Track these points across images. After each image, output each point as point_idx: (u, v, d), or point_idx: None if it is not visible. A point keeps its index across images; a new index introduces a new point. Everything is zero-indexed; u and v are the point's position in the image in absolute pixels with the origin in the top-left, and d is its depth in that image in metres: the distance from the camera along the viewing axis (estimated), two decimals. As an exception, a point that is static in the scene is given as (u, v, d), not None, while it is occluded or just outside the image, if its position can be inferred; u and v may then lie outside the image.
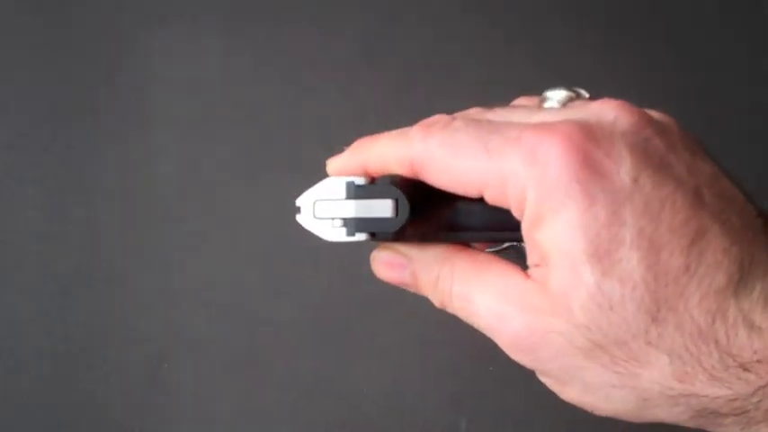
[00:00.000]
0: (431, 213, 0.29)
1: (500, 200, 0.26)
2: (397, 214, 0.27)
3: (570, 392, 0.27)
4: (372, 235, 0.28)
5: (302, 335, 0.73)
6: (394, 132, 0.29)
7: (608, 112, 0.26)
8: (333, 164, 0.31)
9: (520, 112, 0.28)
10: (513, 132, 0.26)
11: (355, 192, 0.28)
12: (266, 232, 0.72)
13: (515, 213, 0.26)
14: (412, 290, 0.31)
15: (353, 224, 0.28)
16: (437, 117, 0.29)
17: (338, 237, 0.28)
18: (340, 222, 0.28)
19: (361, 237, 0.28)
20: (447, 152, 0.27)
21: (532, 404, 0.71)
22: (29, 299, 0.73)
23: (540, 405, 0.70)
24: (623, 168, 0.24)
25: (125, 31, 0.75)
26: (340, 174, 0.30)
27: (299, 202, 0.29)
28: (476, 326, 0.28)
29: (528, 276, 0.26)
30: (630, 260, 0.24)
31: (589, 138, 0.25)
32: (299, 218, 0.29)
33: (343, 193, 0.28)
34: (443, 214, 0.29)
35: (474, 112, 0.29)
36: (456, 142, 0.26)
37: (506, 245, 0.32)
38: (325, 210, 0.28)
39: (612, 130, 0.25)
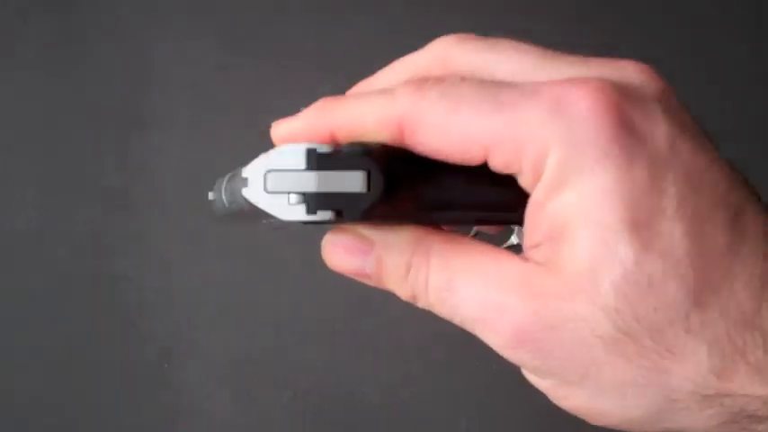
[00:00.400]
0: (407, 190, 0.24)
1: (510, 164, 0.22)
2: (369, 189, 0.23)
3: (576, 397, 0.23)
4: (338, 214, 0.23)
5: (302, 335, 0.73)
6: (370, 91, 0.24)
7: (633, 74, 0.22)
8: (282, 127, 0.26)
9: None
10: (529, 86, 0.22)
11: (318, 161, 0.23)
12: (266, 232, 0.72)
13: (526, 181, 0.22)
14: (372, 283, 0.25)
15: (315, 200, 0.22)
16: (423, 73, 0.24)
17: (295, 215, 0.23)
18: (297, 198, 0.23)
19: (324, 216, 0.22)
20: (446, 107, 0.22)
21: (532, 404, 0.70)
22: (29, 299, 0.73)
23: (540, 405, 0.70)
24: (660, 132, 0.21)
25: (125, 31, 0.75)
26: (293, 140, 0.24)
27: (245, 172, 0.23)
28: (458, 321, 0.23)
29: (527, 259, 0.23)
30: (674, 233, 0.21)
31: (623, 94, 0.21)
32: (245, 192, 0.23)
33: (303, 163, 0.23)
34: (423, 191, 0.24)
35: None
36: (458, 96, 0.22)
37: (475, 230, 0.28)
38: (280, 182, 0.23)
39: (644, 92, 0.22)
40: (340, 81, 0.80)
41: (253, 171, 0.23)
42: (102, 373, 0.73)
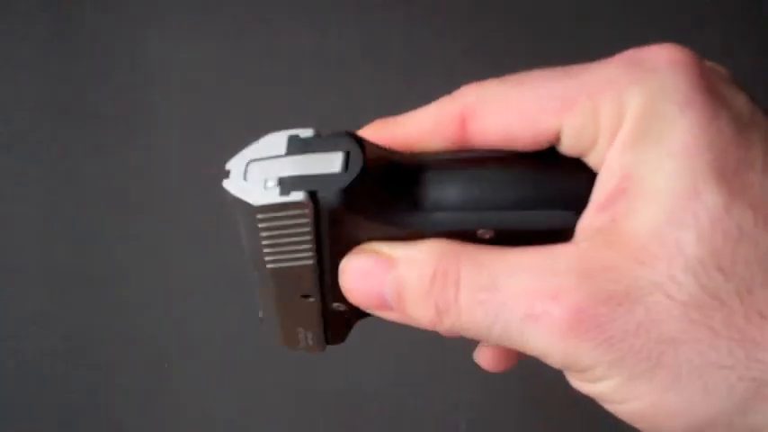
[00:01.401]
0: (401, 183, 0.22)
1: (585, 127, 0.20)
2: (346, 168, 0.21)
3: (642, 397, 0.19)
4: (312, 195, 0.21)
5: (302, 335, 0.73)
6: (424, 107, 0.23)
7: (697, 56, 0.21)
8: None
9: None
10: (594, 64, 0.20)
11: (299, 146, 0.22)
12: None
13: (602, 144, 0.20)
14: (395, 314, 0.22)
15: (289, 182, 0.21)
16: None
17: (268, 198, 0.21)
18: (274, 183, 0.21)
19: (297, 196, 0.21)
20: (510, 85, 0.21)
21: (532, 404, 0.70)
22: (29, 299, 0.73)
23: (541, 405, 0.70)
24: (740, 99, 0.20)
25: (125, 31, 0.75)
26: None
27: (229, 164, 0.22)
28: (498, 329, 0.20)
29: (578, 242, 0.20)
30: (764, 186, 0.18)
31: (697, 57, 0.20)
32: (225, 183, 0.22)
33: (284, 149, 0.22)
34: (422, 187, 0.22)
35: None
36: (522, 77, 0.21)
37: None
38: (259, 170, 0.22)
39: (716, 67, 0.21)
40: (340, 81, 0.81)
41: (235, 162, 0.22)
42: (102, 373, 0.73)
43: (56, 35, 0.74)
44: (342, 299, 0.24)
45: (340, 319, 0.29)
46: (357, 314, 0.27)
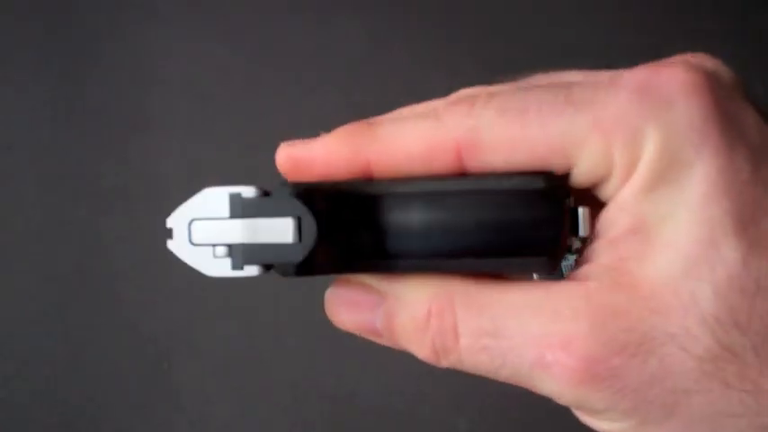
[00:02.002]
0: (365, 233, 0.20)
1: (598, 166, 0.19)
2: (300, 239, 0.19)
3: None
4: (267, 268, 0.20)
5: (301, 335, 0.72)
6: (405, 115, 0.21)
7: (707, 61, 0.20)
8: (297, 151, 0.21)
9: (573, 76, 0.21)
10: (603, 78, 0.19)
11: (243, 207, 0.20)
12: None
13: (614, 183, 0.19)
14: (385, 341, 0.22)
15: (241, 253, 0.20)
16: (467, 91, 0.21)
17: (220, 271, 0.20)
18: (224, 251, 0.20)
19: (251, 271, 0.20)
20: (512, 118, 0.19)
21: (532, 404, 0.70)
22: (29, 299, 0.73)
23: (540, 405, 0.70)
24: (750, 119, 0.19)
25: (125, 31, 0.75)
26: (308, 171, 0.21)
27: (170, 222, 0.22)
28: (505, 374, 0.19)
29: (583, 280, 0.19)
30: None
31: (710, 76, 0.19)
32: (170, 244, 0.22)
33: (227, 210, 0.20)
34: (388, 233, 0.20)
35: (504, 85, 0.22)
36: (521, 105, 0.19)
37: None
38: (205, 233, 0.21)
39: (725, 79, 0.20)
40: (340, 81, 0.81)
41: (176, 220, 0.21)
42: (102, 373, 0.73)
43: (56, 35, 0.74)
44: None
45: None
46: None
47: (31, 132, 0.74)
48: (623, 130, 0.18)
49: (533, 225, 0.20)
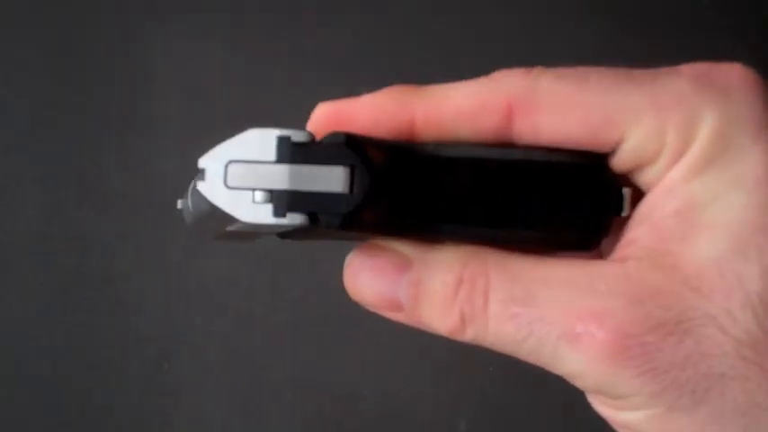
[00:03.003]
0: (413, 195, 0.19)
1: (649, 142, 0.18)
2: (351, 189, 0.18)
3: (684, 428, 0.18)
4: (313, 218, 0.19)
5: (301, 335, 0.72)
6: (456, 84, 0.20)
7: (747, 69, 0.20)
8: (338, 108, 0.20)
9: None
10: (663, 69, 0.19)
11: (292, 152, 0.19)
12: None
13: (663, 163, 0.19)
14: (404, 317, 0.21)
15: (285, 200, 0.18)
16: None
17: (259, 217, 0.18)
18: (264, 196, 0.18)
19: (294, 220, 0.18)
20: (571, 83, 0.19)
21: (532, 404, 0.70)
22: (29, 299, 0.73)
23: (540, 405, 0.70)
24: None
25: (125, 31, 0.75)
26: (353, 127, 0.20)
27: (203, 162, 0.20)
28: (530, 345, 0.19)
29: (624, 259, 0.19)
30: None
31: (765, 82, 0.19)
32: (201, 186, 0.19)
33: (273, 153, 0.19)
34: (436, 198, 0.19)
35: None
36: (582, 74, 0.19)
37: None
38: (244, 176, 0.19)
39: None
40: (340, 81, 0.80)
41: (211, 161, 0.20)
42: (102, 373, 0.73)
43: (56, 35, 0.74)
44: None
45: None
46: None
47: (31, 132, 0.74)
48: (681, 110, 0.18)
49: (578, 199, 0.19)
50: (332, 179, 0.18)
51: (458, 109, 0.19)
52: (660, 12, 0.74)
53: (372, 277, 0.20)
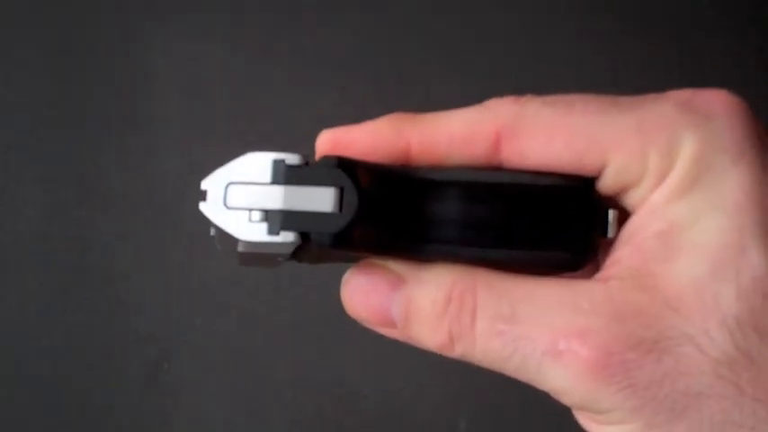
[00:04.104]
0: (400, 215, 0.20)
1: (631, 166, 0.19)
2: (341, 209, 0.19)
3: None
4: (304, 237, 0.20)
5: (301, 335, 0.73)
6: (450, 112, 0.21)
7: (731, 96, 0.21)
8: (339, 136, 0.21)
9: None
10: (649, 96, 0.20)
11: (286, 174, 0.20)
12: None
13: (646, 186, 0.19)
14: (398, 332, 0.22)
15: (279, 219, 0.20)
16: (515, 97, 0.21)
17: (255, 235, 0.20)
18: (260, 216, 0.20)
19: (287, 237, 0.20)
20: (557, 109, 0.19)
21: (532, 404, 0.71)
22: (29, 299, 0.73)
23: (540, 405, 0.70)
24: None
25: (125, 31, 0.75)
26: (352, 152, 0.21)
27: (205, 184, 0.21)
28: (515, 363, 0.19)
29: (606, 279, 0.19)
30: None
31: (749, 108, 0.20)
32: (202, 206, 0.21)
33: (269, 176, 0.20)
34: (423, 218, 0.20)
35: None
36: (568, 100, 0.20)
37: None
38: (241, 197, 0.20)
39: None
40: (340, 81, 0.80)
41: (212, 183, 0.21)
42: (102, 373, 0.73)
43: (56, 35, 0.74)
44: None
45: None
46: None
47: (31, 132, 0.74)
48: (663, 134, 0.19)
49: (565, 221, 0.20)
50: (322, 199, 0.19)
51: (450, 136, 0.20)
52: (660, 12, 0.74)
53: (366, 294, 0.21)
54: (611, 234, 0.20)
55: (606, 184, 0.20)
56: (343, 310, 0.34)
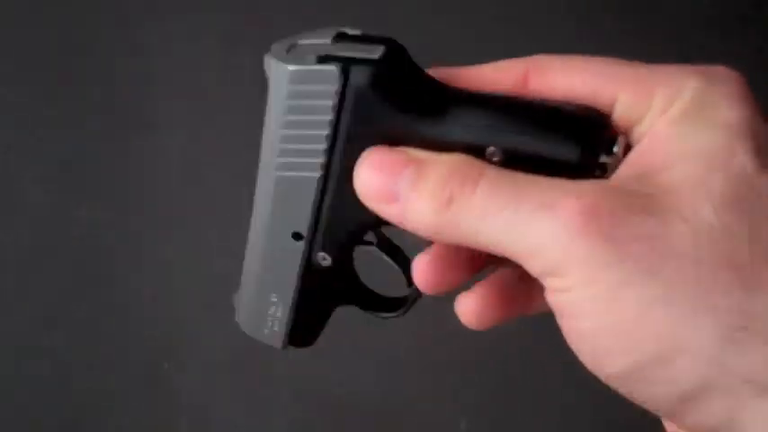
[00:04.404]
0: (441, 99, 0.24)
1: (642, 97, 0.22)
2: (384, 58, 0.23)
3: (631, 303, 0.19)
4: (345, 70, 0.23)
5: (302, 335, 0.73)
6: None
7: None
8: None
9: None
10: (661, 65, 0.24)
11: (345, 37, 0.24)
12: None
13: (652, 115, 0.22)
14: (396, 211, 0.23)
15: (327, 57, 0.23)
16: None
17: (303, 63, 0.23)
18: (313, 57, 0.23)
19: (331, 66, 0.23)
20: (581, 59, 0.24)
21: (532, 404, 0.70)
22: (29, 299, 0.73)
23: (540, 405, 0.70)
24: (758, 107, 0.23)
25: (125, 30, 0.75)
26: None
27: (274, 45, 0.24)
28: (507, 215, 0.21)
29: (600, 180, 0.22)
30: None
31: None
32: (266, 57, 0.24)
33: (330, 39, 0.24)
34: (457, 104, 0.24)
35: None
36: (593, 57, 0.24)
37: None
38: (302, 49, 0.24)
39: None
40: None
41: (281, 43, 0.24)
42: (103, 373, 0.73)
43: (56, 35, 0.74)
44: (329, 247, 0.26)
45: (314, 308, 0.32)
46: (337, 268, 0.28)
47: (31, 132, 0.74)
48: (669, 80, 0.22)
49: (579, 124, 0.23)
50: (370, 50, 0.23)
51: (481, 74, 0.26)
52: (660, 12, 0.75)
53: (380, 166, 0.23)
54: (616, 149, 0.22)
55: (615, 119, 0.23)
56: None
